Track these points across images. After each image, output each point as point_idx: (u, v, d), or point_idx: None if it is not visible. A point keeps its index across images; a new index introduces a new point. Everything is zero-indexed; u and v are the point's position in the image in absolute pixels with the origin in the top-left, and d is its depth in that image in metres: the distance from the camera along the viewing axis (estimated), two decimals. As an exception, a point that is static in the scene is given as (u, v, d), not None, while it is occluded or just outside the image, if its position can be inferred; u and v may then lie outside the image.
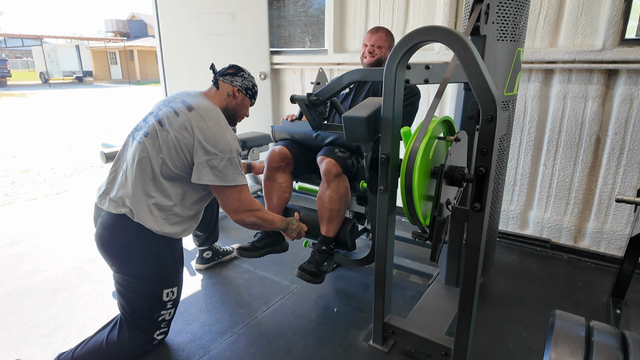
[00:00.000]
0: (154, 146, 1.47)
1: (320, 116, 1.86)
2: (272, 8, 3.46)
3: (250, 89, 1.71)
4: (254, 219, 1.60)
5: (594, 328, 0.94)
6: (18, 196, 3.83)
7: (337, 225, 1.84)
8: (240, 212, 1.57)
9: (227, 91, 1.66)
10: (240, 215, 1.57)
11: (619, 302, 1.89)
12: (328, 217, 1.81)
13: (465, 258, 1.28)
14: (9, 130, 7.81)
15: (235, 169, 1.51)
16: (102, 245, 1.49)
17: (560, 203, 2.50)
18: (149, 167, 1.47)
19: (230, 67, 1.70)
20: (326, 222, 1.83)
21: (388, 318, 1.62)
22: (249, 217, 1.59)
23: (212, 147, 1.46)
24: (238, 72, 1.69)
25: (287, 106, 3.53)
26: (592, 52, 2.18)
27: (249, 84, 1.70)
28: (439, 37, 1.16)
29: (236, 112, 1.70)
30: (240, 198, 1.55)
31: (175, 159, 1.47)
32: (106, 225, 1.47)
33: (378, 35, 2.13)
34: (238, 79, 1.67)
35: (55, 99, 14.35)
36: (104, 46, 26.63)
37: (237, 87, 1.66)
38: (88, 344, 1.50)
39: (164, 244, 1.52)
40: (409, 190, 1.16)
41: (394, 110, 1.33)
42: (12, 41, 30.04)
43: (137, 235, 1.46)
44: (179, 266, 1.61)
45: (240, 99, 1.68)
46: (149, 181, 1.47)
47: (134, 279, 1.49)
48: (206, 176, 1.47)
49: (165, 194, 1.49)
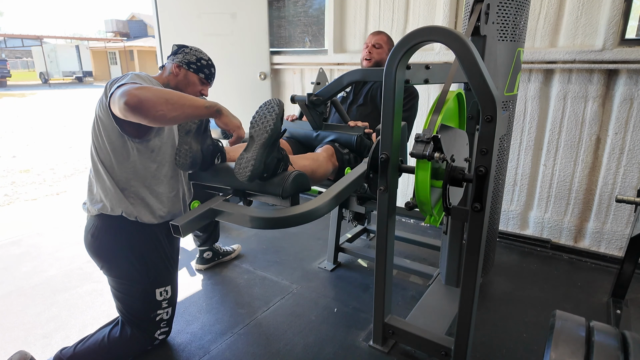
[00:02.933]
0: (92, 131, 1.42)
1: (321, 116, 1.87)
2: (272, 8, 3.46)
3: (194, 63, 1.56)
4: (149, 94, 1.15)
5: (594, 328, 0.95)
6: (18, 196, 3.83)
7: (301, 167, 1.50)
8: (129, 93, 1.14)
9: (168, 69, 1.56)
10: (130, 93, 1.14)
11: (619, 303, 1.89)
12: (304, 156, 1.63)
13: (465, 258, 1.28)
14: (9, 130, 7.81)
15: (132, 79, 1.29)
16: (89, 250, 1.50)
17: (560, 203, 2.50)
18: (96, 153, 1.42)
19: (173, 46, 1.59)
20: (298, 157, 1.61)
21: (388, 318, 1.62)
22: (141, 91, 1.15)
23: (112, 83, 1.30)
24: (180, 48, 1.58)
25: (288, 106, 3.53)
26: (592, 52, 2.18)
27: (191, 57, 1.56)
28: (439, 37, 1.15)
29: (181, 90, 1.53)
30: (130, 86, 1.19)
31: (102, 128, 1.37)
32: (88, 229, 1.48)
33: (380, 36, 2.16)
34: (179, 56, 1.56)
35: (55, 99, 14.35)
36: (103, 46, 26.63)
37: (177, 63, 1.55)
38: (90, 340, 1.51)
39: (147, 242, 1.49)
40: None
41: (394, 111, 1.33)
42: (12, 41, 30.05)
43: (117, 235, 1.45)
44: (168, 265, 1.57)
45: (182, 74, 1.55)
46: (100, 167, 1.41)
47: (123, 280, 1.49)
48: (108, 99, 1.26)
49: (112, 170, 1.40)
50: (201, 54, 1.60)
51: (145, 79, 1.40)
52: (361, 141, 1.78)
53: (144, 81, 1.36)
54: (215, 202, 1.41)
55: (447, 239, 1.90)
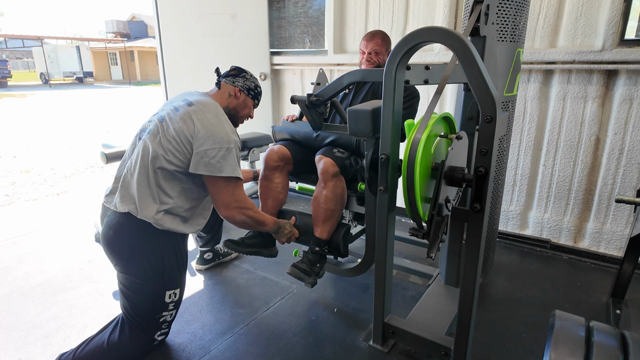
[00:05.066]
0: (156, 141, 1.48)
1: (321, 116, 1.87)
2: (272, 9, 3.47)
3: (253, 90, 1.72)
4: (244, 217, 1.56)
5: (594, 328, 0.95)
6: (18, 197, 3.83)
7: (331, 226, 1.81)
8: (230, 208, 1.52)
9: (228, 91, 1.67)
10: (231, 211, 1.53)
11: (618, 303, 1.89)
12: (323, 217, 1.79)
13: (465, 258, 1.28)
14: (9, 130, 7.81)
15: (232, 161, 1.49)
16: (107, 245, 1.50)
17: (560, 203, 2.50)
18: (152, 164, 1.47)
19: (233, 68, 1.71)
20: (321, 222, 1.80)
21: (388, 318, 1.62)
22: (239, 215, 1.55)
23: (210, 136, 1.46)
24: (240, 73, 1.71)
25: (288, 107, 3.53)
26: (591, 52, 2.18)
27: (251, 84, 1.71)
28: (438, 38, 1.16)
29: (238, 112, 1.70)
30: (233, 193, 1.52)
31: (175, 152, 1.47)
32: (111, 224, 1.48)
33: (374, 41, 2.07)
34: (240, 80, 1.69)
35: (55, 99, 14.36)
36: (104, 47, 26.65)
37: (239, 88, 1.68)
38: (89, 345, 1.51)
39: (168, 245, 1.53)
40: (410, 182, 1.15)
41: (393, 111, 1.33)
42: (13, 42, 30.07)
43: (141, 235, 1.47)
44: (182, 268, 1.60)
45: (242, 99, 1.69)
46: (152, 177, 1.47)
47: (137, 279, 1.50)
48: (202, 167, 1.46)
49: (166, 189, 1.49)
50: (257, 82, 1.75)
51: (218, 111, 1.57)
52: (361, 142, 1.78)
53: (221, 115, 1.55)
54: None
55: (447, 239, 1.90)
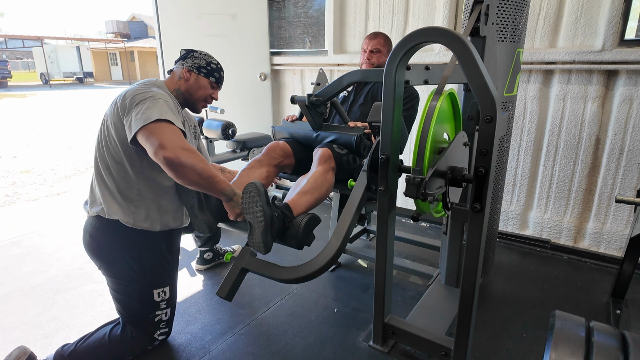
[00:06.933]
0: (100, 140, 1.46)
1: (321, 117, 1.87)
2: (272, 9, 3.47)
3: (204, 67, 1.57)
4: (191, 161, 1.26)
5: (594, 328, 0.94)
6: (19, 197, 3.83)
7: (305, 203, 1.59)
8: (173, 148, 1.25)
9: (178, 74, 1.57)
10: (174, 150, 1.24)
11: (619, 303, 1.89)
12: (302, 189, 1.61)
13: (465, 258, 1.28)
14: (9, 131, 7.81)
15: (160, 107, 1.32)
16: (87, 250, 1.51)
17: (560, 203, 2.50)
18: (102, 162, 1.45)
19: (182, 50, 1.61)
20: (298, 193, 1.60)
21: (388, 318, 1.62)
22: (185, 156, 1.26)
23: (133, 99, 1.35)
24: (189, 53, 1.59)
25: (288, 107, 3.53)
26: (591, 52, 2.18)
27: (201, 62, 1.57)
28: (438, 38, 1.16)
29: (192, 94, 1.56)
30: (172, 134, 1.28)
31: (115, 139, 1.41)
32: (87, 229, 1.49)
33: (377, 40, 2.13)
34: (189, 60, 1.57)
35: (55, 99, 14.36)
36: (104, 47, 26.64)
37: (187, 68, 1.55)
38: (91, 338, 1.52)
39: (146, 244, 1.49)
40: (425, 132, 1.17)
41: (394, 111, 1.33)
42: (13, 42, 30.11)
43: (114, 236, 1.46)
44: (167, 266, 1.57)
45: (193, 79, 1.55)
46: (106, 175, 1.45)
47: (121, 280, 1.50)
48: (134, 127, 1.29)
49: (120, 183, 1.44)
50: (210, 58, 1.60)
51: (161, 86, 1.49)
52: (361, 141, 1.78)
53: (159, 88, 1.43)
54: (243, 259, 1.50)
55: (447, 239, 1.90)
